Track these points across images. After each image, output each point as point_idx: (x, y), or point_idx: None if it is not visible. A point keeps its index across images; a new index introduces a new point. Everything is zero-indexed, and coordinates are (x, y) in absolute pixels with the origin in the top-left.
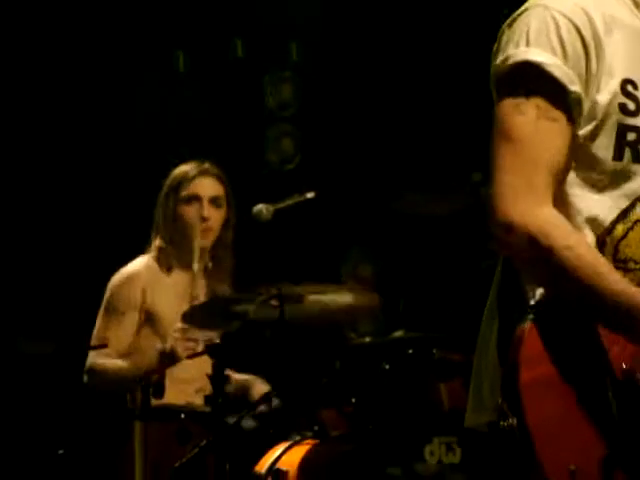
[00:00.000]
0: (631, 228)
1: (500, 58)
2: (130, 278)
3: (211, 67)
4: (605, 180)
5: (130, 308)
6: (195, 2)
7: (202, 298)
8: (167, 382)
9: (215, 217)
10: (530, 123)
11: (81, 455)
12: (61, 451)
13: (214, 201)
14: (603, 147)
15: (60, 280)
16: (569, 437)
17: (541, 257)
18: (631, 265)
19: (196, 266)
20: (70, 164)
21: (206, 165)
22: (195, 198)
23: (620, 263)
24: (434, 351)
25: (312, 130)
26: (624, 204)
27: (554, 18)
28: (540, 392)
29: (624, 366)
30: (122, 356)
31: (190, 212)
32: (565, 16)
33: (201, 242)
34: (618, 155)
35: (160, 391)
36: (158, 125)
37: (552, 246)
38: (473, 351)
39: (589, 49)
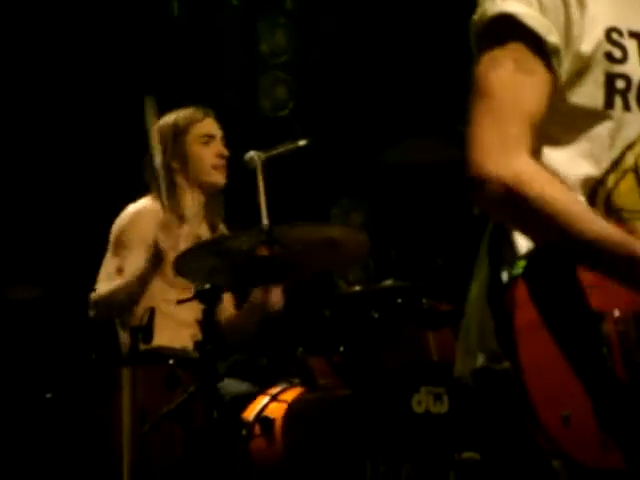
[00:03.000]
0: (622, 178)
1: (478, 12)
2: (138, 214)
3: (205, 13)
4: (595, 129)
5: (140, 244)
6: None
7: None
8: (164, 324)
9: (227, 155)
10: (506, 76)
11: (69, 399)
12: (49, 395)
13: (223, 140)
14: (591, 97)
15: (48, 223)
16: (562, 383)
17: (518, 208)
18: (624, 215)
19: (204, 207)
20: (64, 111)
21: (203, 109)
22: (211, 137)
23: (613, 213)
24: (423, 300)
25: (305, 77)
26: (615, 154)
27: None
28: (534, 336)
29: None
30: None
31: (206, 151)
32: None
33: (218, 180)
34: (608, 103)
35: (149, 335)
36: (152, 71)
37: (528, 195)
38: (462, 301)
39: (569, 1)
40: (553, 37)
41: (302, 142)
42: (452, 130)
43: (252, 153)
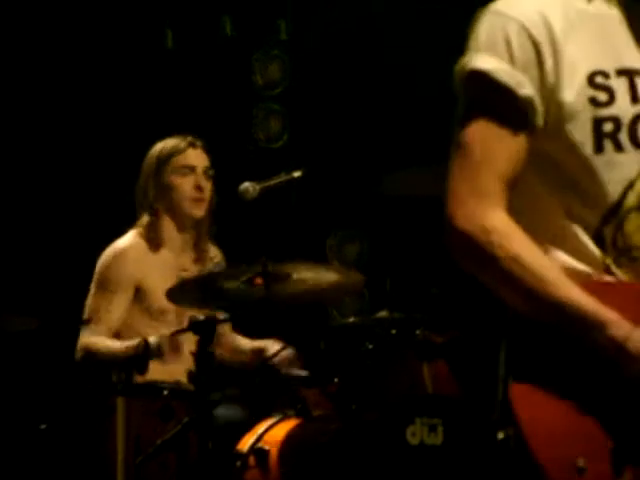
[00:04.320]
0: (625, 218)
1: (459, 63)
2: (122, 254)
3: (200, 45)
4: (589, 175)
5: (122, 284)
6: None
7: (192, 270)
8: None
9: (207, 188)
10: (479, 129)
11: (63, 430)
12: (43, 426)
13: (206, 172)
14: (580, 144)
15: (43, 255)
16: (570, 433)
17: (484, 264)
18: (635, 253)
19: (184, 242)
20: (56, 140)
21: (191, 138)
22: (190, 169)
23: (623, 254)
24: (417, 332)
25: (300, 109)
26: (614, 196)
27: (504, 23)
28: (531, 397)
29: None
30: (113, 333)
31: (186, 182)
32: (515, 20)
33: (196, 212)
34: (598, 148)
35: (143, 367)
36: (147, 102)
37: (495, 254)
38: (456, 332)
39: (542, 50)
40: (525, 90)
41: (297, 173)
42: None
43: (247, 184)
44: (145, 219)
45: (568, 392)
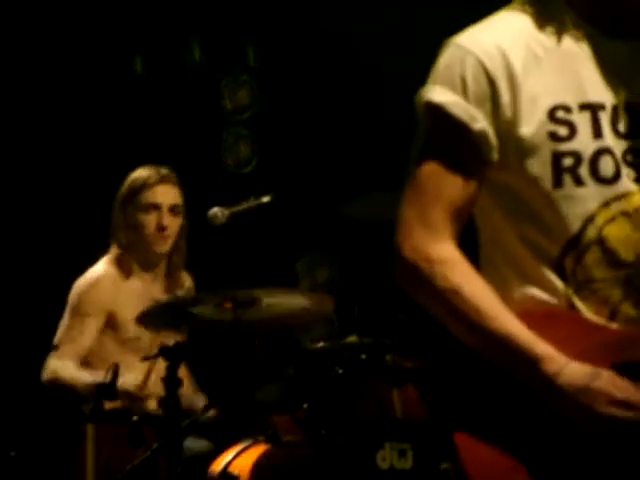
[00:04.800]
0: (586, 251)
1: (418, 94)
2: (95, 282)
3: (169, 71)
4: (549, 208)
5: (95, 312)
6: (153, 6)
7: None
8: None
9: (173, 225)
10: (433, 163)
11: (33, 457)
12: (13, 453)
13: (173, 209)
14: (539, 178)
15: (13, 282)
16: (509, 470)
17: (427, 294)
18: (594, 286)
19: (154, 272)
20: (28, 166)
21: (165, 171)
22: (155, 207)
23: (583, 286)
24: (387, 357)
25: (269, 134)
26: (573, 230)
27: (461, 56)
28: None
29: None
30: (82, 359)
31: (149, 220)
32: (472, 53)
33: (159, 249)
34: (557, 182)
35: (112, 393)
36: (116, 127)
37: (437, 286)
38: (425, 357)
39: (498, 85)
40: (478, 124)
41: (266, 198)
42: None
43: (216, 209)
44: (115, 249)
45: (496, 433)
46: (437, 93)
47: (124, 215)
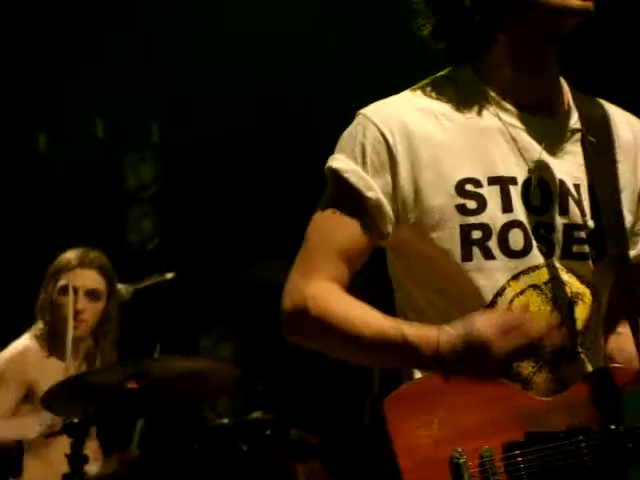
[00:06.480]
0: None
1: (326, 162)
2: (19, 355)
3: (71, 148)
4: (458, 281)
5: (15, 384)
6: (56, 83)
7: None
8: (31, 461)
9: (90, 309)
10: (324, 217)
11: None
12: None
13: (91, 294)
14: (449, 251)
15: None
16: None
17: (307, 330)
18: None
19: (68, 356)
20: None
21: (91, 255)
22: (72, 289)
23: None
24: (292, 432)
25: (172, 210)
26: (483, 302)
27: (364, 126)
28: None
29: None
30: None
31: (65, 302)
32: (376, 125)
33: (74, 332)
34: (465, 256)
35: (18, 470)
36: (19, 206)
37: (311, 317)
38: (330, 432)
39: (397, 157)
40: (372, 193)
41: (169, 275)
42: None
43: (120, 286)
44: (40, 326)
45: None
46: (338, 161)
47: (45, 295)
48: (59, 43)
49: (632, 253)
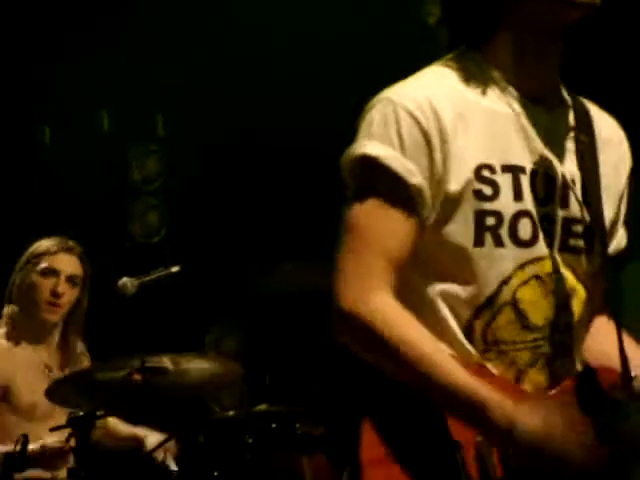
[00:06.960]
0: (499, 312)
1: (346, 153)
2: None
3: (76, 140)
4: (467, 268)
5: None
6: (61, 75)
7: (56, 371)
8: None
9: (68, 295)
10: (368, 211)
11: None
12: None
13: (71, 279)
14: (462, 235)
15: None
16: None
17: (374, 347)
18: (503, 347)
19: (46, 341)
20: None
21: (70, 243)
22: (53, 272)
23: (491, 346)
24: (297, 425)
25: (177, 203)
26: (490, 289)
27: (395, 111)
28: (382, 472)
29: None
30: None
31: (44, 284)
32: (406, 109)
33: (49, 317)
34: (478, 241)
35: (22, 464)
36: (22, 198)
37: (382, 337)
38: (336, 425)
39: (431, 140)
40: (415, 179)
41: (175, 268)
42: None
43: (125, 280)
44: (8, 313)
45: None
46: (373, 147)
47: (21, 277)
48: (63, 35)
49: (609, 250)
